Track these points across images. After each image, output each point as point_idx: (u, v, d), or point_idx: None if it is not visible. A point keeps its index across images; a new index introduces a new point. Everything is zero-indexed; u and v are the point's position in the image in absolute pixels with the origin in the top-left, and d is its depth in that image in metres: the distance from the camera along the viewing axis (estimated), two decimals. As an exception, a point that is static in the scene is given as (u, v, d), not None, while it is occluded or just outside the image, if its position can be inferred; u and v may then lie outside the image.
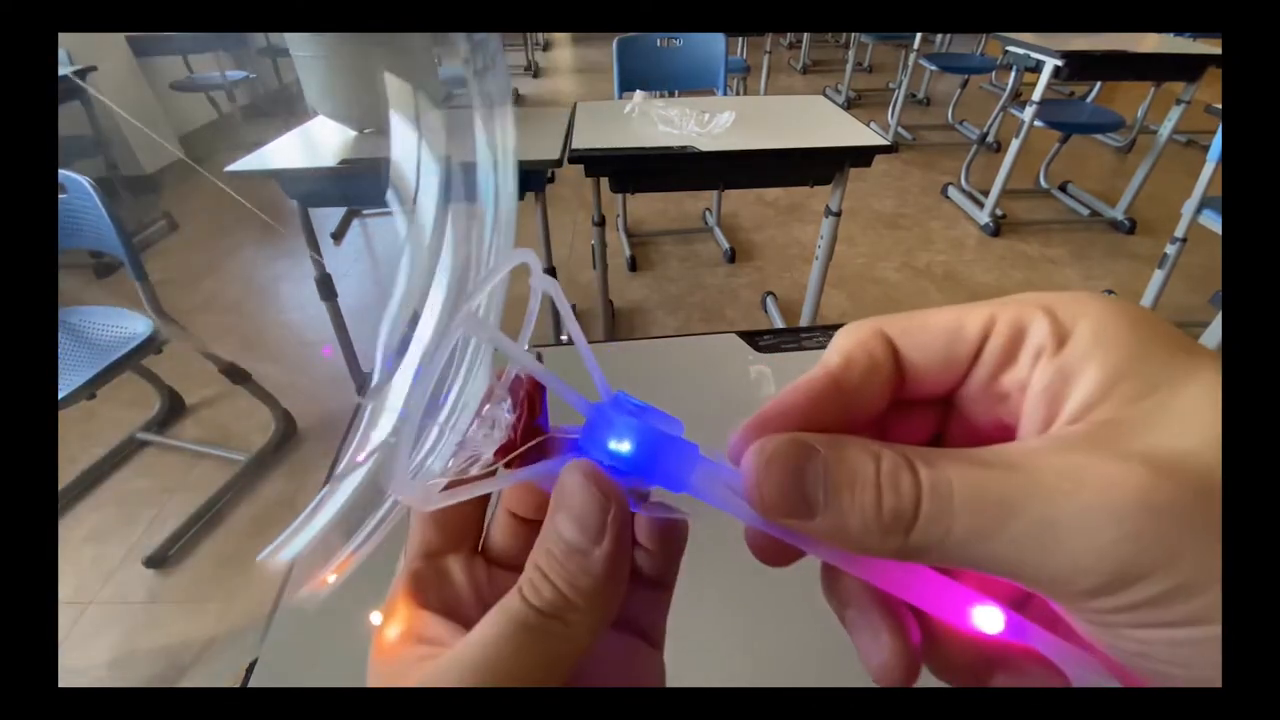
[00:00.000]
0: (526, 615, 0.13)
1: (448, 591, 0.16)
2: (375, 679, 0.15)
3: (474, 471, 0.14)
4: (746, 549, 0.15)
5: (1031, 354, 0.13)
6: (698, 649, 0.36)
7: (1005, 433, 0.14)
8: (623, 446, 0.14)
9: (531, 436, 0.15)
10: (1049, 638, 0.13)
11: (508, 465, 0.15)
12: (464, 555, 0.18)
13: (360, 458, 0.13)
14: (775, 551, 0.15)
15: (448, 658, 0.13)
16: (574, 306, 0.15)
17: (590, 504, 0.13)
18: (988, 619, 0.13)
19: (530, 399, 0.15)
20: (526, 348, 0.15)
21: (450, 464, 0.14)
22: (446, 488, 0.14)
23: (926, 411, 0.15)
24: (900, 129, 3.61)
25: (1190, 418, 0.11)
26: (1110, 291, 1.97)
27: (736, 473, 0.13)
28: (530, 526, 0.17)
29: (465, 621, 0.15)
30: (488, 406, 0.15)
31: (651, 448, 0.14)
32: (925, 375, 0.14)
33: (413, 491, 0.13)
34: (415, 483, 0.13)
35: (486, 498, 0.18)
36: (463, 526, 0.17)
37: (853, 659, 0.16)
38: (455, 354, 0.14)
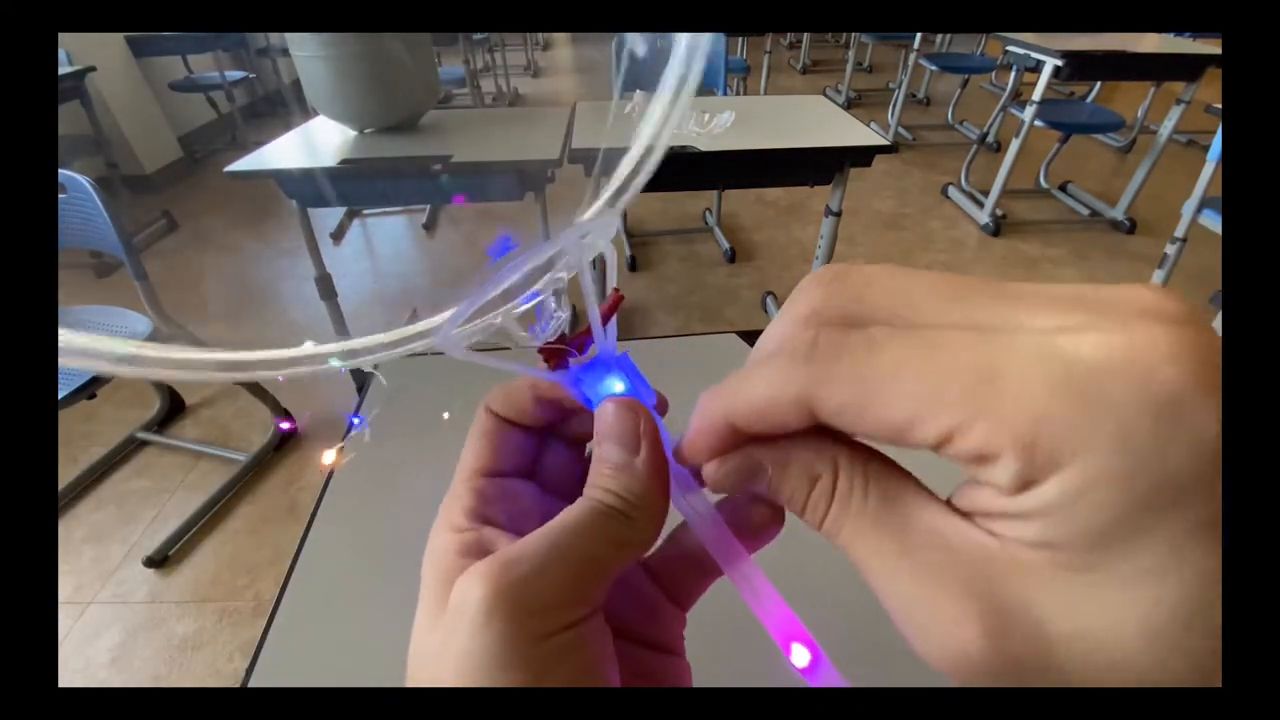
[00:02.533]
0: (601, 507, 0.15)
1: (516, 510, 0.17)
2: (432, 593, 0.15)
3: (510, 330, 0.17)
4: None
5: (985, 482, 0.11)
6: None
7: None
8: (616, 385, 0.17)
9: (579, 340, 0.18)
10: (835, 676, 0.15)
11: (543, 353, 0.18)
12: (520, 477, 0.18)
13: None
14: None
15: (539, 535, 0.14)
16: (574, 306, 0.17)
17: (625, 423, 0.16)
18: (799, 653, 0.15)
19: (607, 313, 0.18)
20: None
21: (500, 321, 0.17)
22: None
23: None
24: (900, 129, 3.61)
25: (1110, 605, 0.09)
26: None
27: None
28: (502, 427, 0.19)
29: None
30: (541, 298, 0.17)
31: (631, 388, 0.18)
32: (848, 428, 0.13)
33: (448, 343, 0.16)
34: (454, 337, 0.16)
35: (539, 433, 0.19)
36: (520, 446, 0.18)
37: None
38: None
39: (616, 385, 0.17)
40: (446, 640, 0.14)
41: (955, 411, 0.10)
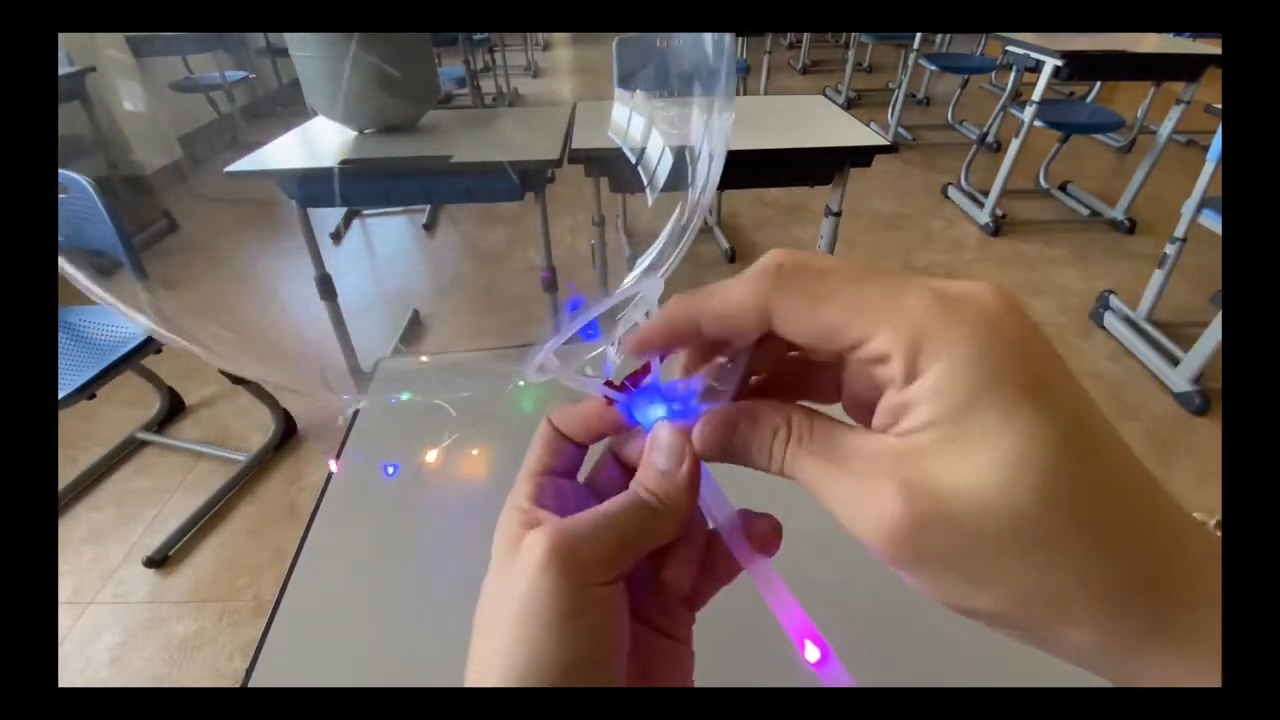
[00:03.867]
0: (643, 501, 0.19)
1: (563, 503, 0.21)
2: (502, 555, 0.19)
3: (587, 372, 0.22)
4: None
5: (885, 379, 0.15)
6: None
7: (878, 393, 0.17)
8: (659, 410, 0.21)
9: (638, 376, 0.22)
10: (844, 675, 0.18)
11: (608, 384, 0.22)
12: (569, 477, 0.23)
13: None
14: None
15: (592, 512, 0.19)
16: None
17: (675, 443, 0.20)
18: (810, 650, 0.18)
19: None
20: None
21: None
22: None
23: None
24: (900, 129, 3.61)
25: (973, 462, 0.13)
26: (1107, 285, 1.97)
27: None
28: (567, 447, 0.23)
29: None
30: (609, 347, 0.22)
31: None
32: (801, 347, 0.18)
33: (533, 372, 0.22)
34: (536, 368, 0.21)
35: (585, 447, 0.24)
36: (572, 454, 0.23)
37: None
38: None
39: (659, 410, 0.21)
40: (512, 582, 0.18)
41: (869, 322, 0.15)
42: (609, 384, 0.22)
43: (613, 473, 0.23)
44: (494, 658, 0.17)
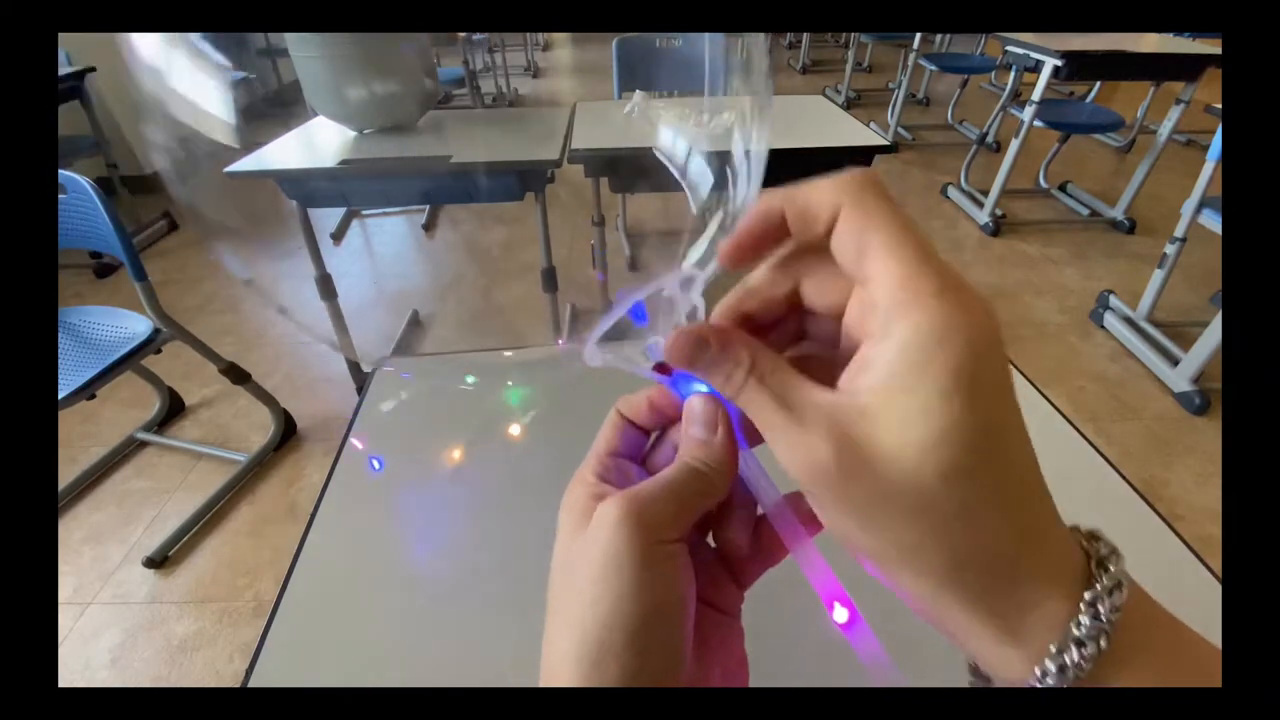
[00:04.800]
0: (692, 467, 0.21)
1: (625, 480, 0.23)
2: (571, 524, 0.21)
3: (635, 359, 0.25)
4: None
5: (865, 329, 0.18)
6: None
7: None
8: (700, 387, 0.23)
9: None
10: (870, 636, 0.19)
11: (656, 368, 0.24)
12: (633, 460, 0.25)
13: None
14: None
15: (653, 480, 0.21)
16: (572, 306, 0.21)
17: (707, 412, 0.22)
18: (839, 612, 0.20)
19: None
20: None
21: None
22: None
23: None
24: (900, 129, 3.61)
25: (902, 430, 0.16)
26: (1110, 291, 1.97)
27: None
28: (634, 434, 0.25)
29: None
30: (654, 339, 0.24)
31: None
32: (812, 304, 0.21)
33: (590, 355, 0.24)
34: (595, 350, 0.24)
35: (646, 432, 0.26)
36: (635, 439, 0.25)
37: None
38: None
39: (701, 387, 0.23)
40: (588, 544, 0.20)
41: (883, 269, 0.17)
42: (658, 367, 0.24)
43: (667, 453, 0.26)
44: (578, 611, 0.19)
